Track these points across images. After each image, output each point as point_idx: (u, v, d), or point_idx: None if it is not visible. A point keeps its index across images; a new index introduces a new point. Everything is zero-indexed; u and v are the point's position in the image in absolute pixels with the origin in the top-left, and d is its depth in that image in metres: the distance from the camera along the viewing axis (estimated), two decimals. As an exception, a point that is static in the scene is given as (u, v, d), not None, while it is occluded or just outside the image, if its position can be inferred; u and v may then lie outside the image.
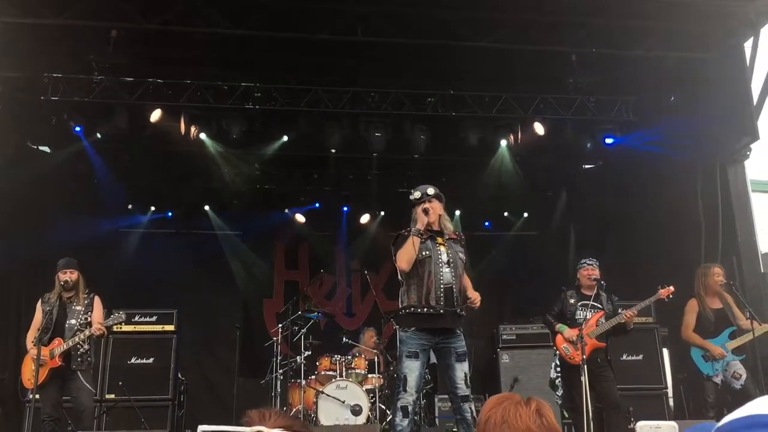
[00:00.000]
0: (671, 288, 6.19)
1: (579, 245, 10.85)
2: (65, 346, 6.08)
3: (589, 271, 6.44)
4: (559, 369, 6.35)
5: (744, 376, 6.36)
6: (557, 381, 6.33)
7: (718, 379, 6.43)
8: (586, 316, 6.34)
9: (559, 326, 6.37)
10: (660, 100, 9.02)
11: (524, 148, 9.47)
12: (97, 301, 6.45)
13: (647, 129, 8.84)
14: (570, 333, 6.23)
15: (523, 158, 9.89)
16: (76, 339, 6.08)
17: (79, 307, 6.29)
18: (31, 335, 6.18)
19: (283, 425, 1.11)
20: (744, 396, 6.19)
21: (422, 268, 5.19)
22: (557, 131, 9.04)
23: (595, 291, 6.41)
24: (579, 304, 6.41)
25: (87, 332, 6.11)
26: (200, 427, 1.13)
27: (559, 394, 6.25)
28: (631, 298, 6.67)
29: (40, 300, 6.40)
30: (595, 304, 6.37)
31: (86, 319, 6.28)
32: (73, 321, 6.22)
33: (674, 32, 7.93)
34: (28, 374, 6.00)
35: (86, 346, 6.25)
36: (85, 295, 6.39)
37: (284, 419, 1.16)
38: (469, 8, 7.48)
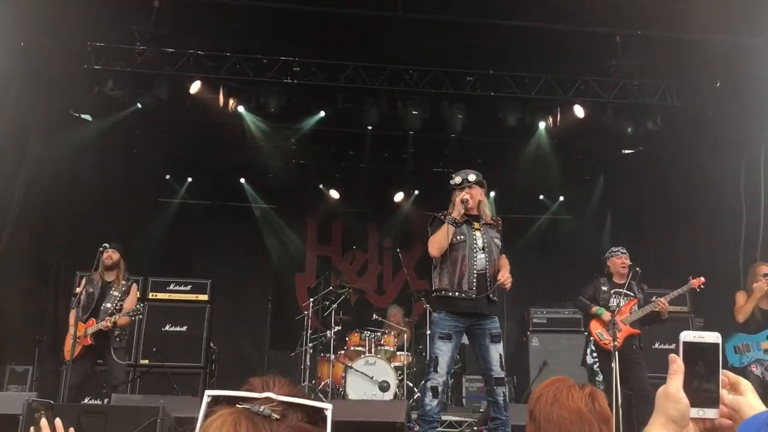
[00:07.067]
0: (702, 279, 6.16)
1: (614, 231, 10.71)
2: (94, 329, 6.33)
3: (623, 259, 6.45)
4: (595, 355, 6.29)
5: None
6: (595, 366, 6.28)
7: (758, 371, 6.36)
8: (619, 303, 6.35)
9: (596, 309, 6.35)
10: (705, 85, 8.79)
11: (563, 131, 9.35)
12: (133, 289, 6.76)
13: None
14: (609, 316, 6.17)
15: (561, 141, 9.76)
16: (105, 323, 6.26)
17: (116, 293, 6.56)
18: (74, 313, 6.45)
19: (289, 393, 1.11)
20: None
21: (456, 253, 5.15)
22: (597, 114, 8.88)
23: (627, 280, 6.39)
24: (612, 291, 6.43)
25: (108, 321, 6.26)
26: (207, 392, 1.13)
27: (600, 379, 6.19)
28: (667, 286, 6.59)
29: (84, 279, 6.64)
30: (628, 292, 6.37)
31: (120, 305, 6.54)
32: (109, 305, 6.48)
33: (722, 15, 7.70)
34: (68, 347, 6.25)
35: (118, 330, 6.48)
36: (125, 282, 6.68)
37: (289, 387, 1.16)
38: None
